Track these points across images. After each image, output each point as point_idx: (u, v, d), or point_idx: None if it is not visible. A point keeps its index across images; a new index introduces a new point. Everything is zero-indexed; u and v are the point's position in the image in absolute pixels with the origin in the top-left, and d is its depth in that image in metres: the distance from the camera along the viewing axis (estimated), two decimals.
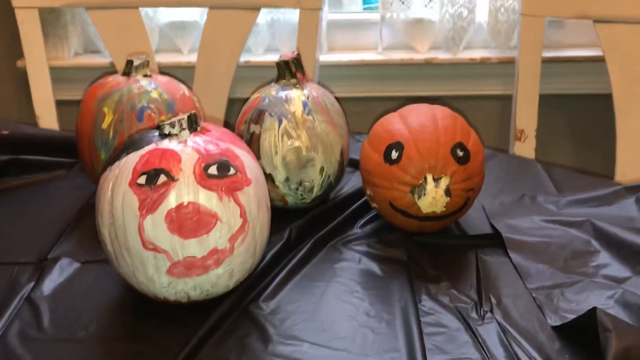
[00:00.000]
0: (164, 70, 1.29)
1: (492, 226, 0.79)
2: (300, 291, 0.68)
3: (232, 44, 1.23)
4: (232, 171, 0.61)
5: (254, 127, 0.79)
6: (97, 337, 0.62)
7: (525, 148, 1.18)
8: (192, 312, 0.64)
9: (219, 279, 0.62)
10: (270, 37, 1.34)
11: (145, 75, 0.83)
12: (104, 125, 0.79)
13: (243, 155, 0.63)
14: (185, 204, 0.58)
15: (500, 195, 0.87)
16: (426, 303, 0.66)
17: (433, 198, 0.69)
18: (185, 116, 0.62)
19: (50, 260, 0.74)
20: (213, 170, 0.59)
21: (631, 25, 1.13)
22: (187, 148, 0.60)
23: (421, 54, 1.33)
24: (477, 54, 1.33)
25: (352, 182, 0.89)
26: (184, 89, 0.84)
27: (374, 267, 0.72)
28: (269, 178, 0.79)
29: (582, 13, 1.14)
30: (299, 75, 0.81)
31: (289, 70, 0.81)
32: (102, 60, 1.35)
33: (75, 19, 1.34)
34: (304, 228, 0.77)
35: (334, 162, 0.80)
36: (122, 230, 0.59)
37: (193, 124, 0.62)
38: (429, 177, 0.70)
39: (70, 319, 0.65)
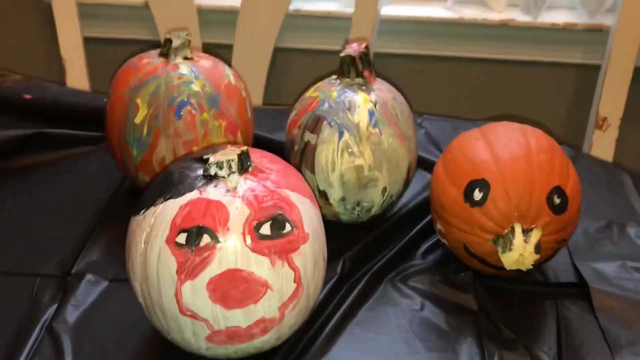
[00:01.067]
0: (204, 12, 1.16)
1: (575, 266, 0.68)
2: (352, 346, 0.60)
3: None
4: (287, 228, 0.50)
5: (309, 136, 0.67)
6: None
7: (606, 138, 1.04)
8: None
9: (264, 345, 0.53)
10: None
11: (186, 58, 0.71)
12: (137, 120, 0.68)
13: (300, 202, 0.52)
14: (231, 271, 0.48)
15: (584, 220, 0.75)
16: None
17: (520, 255, 0.59)
18: (236, 156, 0.50)
19: (74, 276, 0.66)
20: (266, 229, 0.49)
21: None
22: (236, 200, 0.49)
23: (496, 13, 1.15)
24: (561, 17, 1.15)
25: (414, 186, 0.77)
26: (229, 75, 0.72)
27: (439, 318, 0.63)
28: (322, 195, 0.68)
29: None
30: (365, 72, 0.68)
31: (355, 67, 0.68)
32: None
33: None
34: (358, 258, 0.67)
35: (399, 181, 0.69)
36: (157, 290, 0.50)
37: (244, 164, 0.51)
38: (518, 228, 0.59)
39: None
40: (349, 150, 0.66)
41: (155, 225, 0.50)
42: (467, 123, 0.97)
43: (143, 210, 0.51)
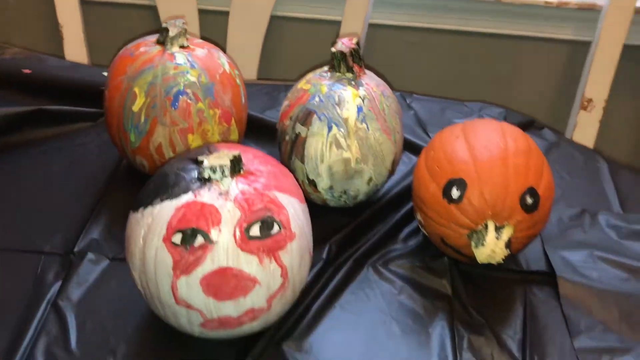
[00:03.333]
0: None
1: (545, 254, 0.73)
2: (334, 330, 0.65)
3: None
4: (275, 229, 0.54)
5: (300, 128, 0.70)
6: None
7: (590, 119, 1.07)
8: (223, 346, 0.62)
9: (252, 329, 0.58)
10: None
11: (182, 47, 0.73)
12: (135, 108, 0.71)
13: (289, 202, 0.56)
14: (223, 269, 0.53)
15: (560, 207, 0.80)
16: (466, 354, 0.63)
17: (492, 250, 0.63)
18: (229, 161, 0.54)
19: (77, 254, 0.70)
20: (255, 231, 0.53)
21: None
22: (227, 203, 0.53)
23: None
24: None
25: (400, 167, 0.81)
26: (224, 63, 0.74)
27: (416, 301, 0.68)
28: (311, 183, 0.72)
29: None
30: (355, 67, 0.71)
31: (345, 62, 0.71)
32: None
33: None
34: (343, 242, 0.72)
35: (383, 172, 0.73)
36: (154, 283, 0.55)
37: (236, 168, 0.55)
38: (491, 225, 0.63)
39: (99, 339, 0.62)
40: (338, 143, 0.69)
41: (153, 225, 0.54)
42: (455, 104, 1.00)
43: (141, 208, 0.55)
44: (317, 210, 0.67)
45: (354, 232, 0.74)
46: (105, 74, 0.77)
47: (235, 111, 0.74)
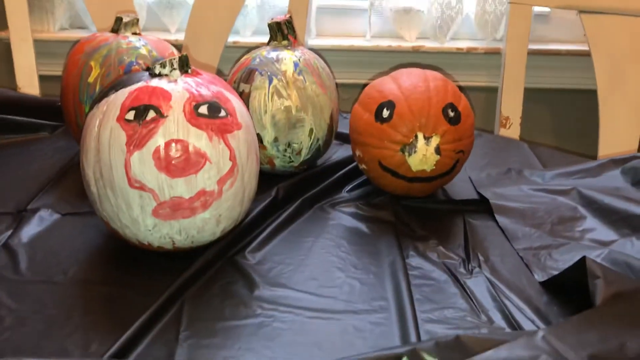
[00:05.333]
0: None
1: (479, 194, 0.79)
2: (287, 245, 0.67)
3: (220, 24, 1.22)
4: (222, 113, 0.60)
5: (243, 86, 0.78)
6: (77, 280, 0.60)
7: (510, 135, 1.18)
8: (176, 259, 0.63)
9: (205, 224, 0.60)
10: (259, 19, 1.34)
11: (134, 34, 0.82)
12: (90, 79, 0.78)
13: (234, 100, 0.62)
14: (174, 141, 0.57)
15: (487, 169, 0.87)
16: (414, 259, 0.66)
17: (424, 155, 0.69)
18: (177, 57, 0.61)
19: (30, 211, 0.72)
20: (204, 110, 0.58)
21: (615, 16, 1.15)
22: (177, 87, 0.59)
23: (409, 42, 1.33)
24: (464, 44, 1.34)
25: (340, 153, 0.88)
26: (172, 49, 0.83)
27: (362, 226, 0.71)
28: (257, 138, 0.78)
29: (568, 3, 1.16)
30: (290, 37, 0.81)
31: (281, 32, 0.81)
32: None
33: None
34: (291, 189, 0.76)
35: (323, 125, 0.79)
36: (108, 167, 0.57)
37: (184, 66, 0.61)
38: (420, 135, 0.70)
39: (49, 264, 0.63)
40: (279, 93, 0.76)
41: (107, 110, 0.58)
42: None
43: (97, 104, 0.60)
44: (264, 175, 0.72)
45: (301, 182, 0.78)
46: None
47: None
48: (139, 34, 0.82)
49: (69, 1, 1.33)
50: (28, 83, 1.22)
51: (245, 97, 0.77)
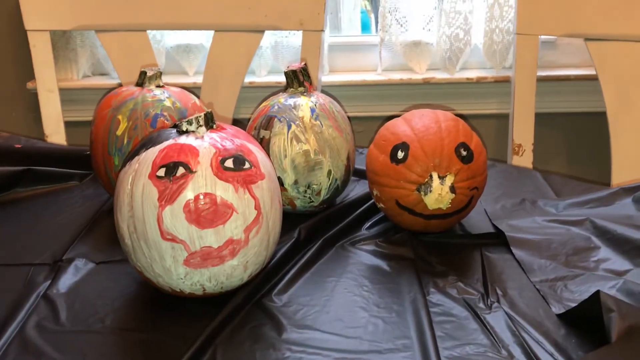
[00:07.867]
0: None
1: (495, 227, 0.81)
2: (311, 286, 0.70)
3: (236, 66, 1.27)
4: (247, 165, 0.63)
5: (263, 133, 0.82)
6: (114, 328, 0.64)
7: (523, 162, 1.21)
8: (207, 304, 0.66)
9: (233, 270, 0.63)
10: (273, 59, 1.39)
11: (158, 86, 0.86)
12: (118, 132, 0.82)
13: (257, 151, 0.66)
14: (202, 194, 0.60)
15: (501, 200, 0.90)
16: (434, 296, 0.68)
17: (439, 194, 0.72)
18: (202, 114, 0.64)
19: (66, 261, 0.75)
20: (229, 163, 0.62)
21: (620, 42, 1.17)
22: (204, 143, 0.63)
23: (419, 75, 1.37)
24: (474, 74, 1.37)
25: (357, 189, 0.92)
26: (195, 99, 0.87)
27: (382, 263, 0.74)
28: (278, 182, 0.81)
29: (574, 31, 1.19)
30: (306, 84, 0.85)
31: (297, 79, 0.85)
32: (110, 81, 1.39)
33: (84, 42, 1.38)
34: (312, 229, 0.79)
35: (340, 165, 0.83)
36: (141, 222, 0.61)
37: (209, 122, 0.65)
38: (435, 175, 0.73)
39: (87, 313, 0.66)
40: (297, 138, 0.80)
41: (139, 168, 0.62)
42: None
43: (129, 162, 0.64)
44: (286, 215, 0.75)
45: (321, 221, 0.81)
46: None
47: None
48: (162, 87, 0.86)
49: (91, 50, 1.39)
50: (55, 131, 1.27)
51: (265, 143, 0.81)
